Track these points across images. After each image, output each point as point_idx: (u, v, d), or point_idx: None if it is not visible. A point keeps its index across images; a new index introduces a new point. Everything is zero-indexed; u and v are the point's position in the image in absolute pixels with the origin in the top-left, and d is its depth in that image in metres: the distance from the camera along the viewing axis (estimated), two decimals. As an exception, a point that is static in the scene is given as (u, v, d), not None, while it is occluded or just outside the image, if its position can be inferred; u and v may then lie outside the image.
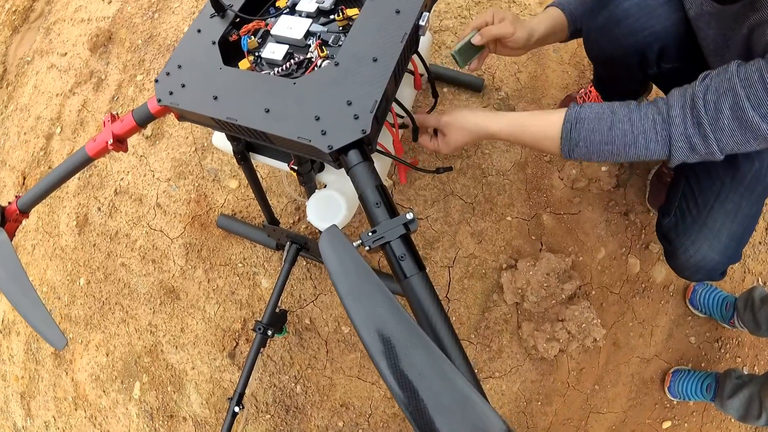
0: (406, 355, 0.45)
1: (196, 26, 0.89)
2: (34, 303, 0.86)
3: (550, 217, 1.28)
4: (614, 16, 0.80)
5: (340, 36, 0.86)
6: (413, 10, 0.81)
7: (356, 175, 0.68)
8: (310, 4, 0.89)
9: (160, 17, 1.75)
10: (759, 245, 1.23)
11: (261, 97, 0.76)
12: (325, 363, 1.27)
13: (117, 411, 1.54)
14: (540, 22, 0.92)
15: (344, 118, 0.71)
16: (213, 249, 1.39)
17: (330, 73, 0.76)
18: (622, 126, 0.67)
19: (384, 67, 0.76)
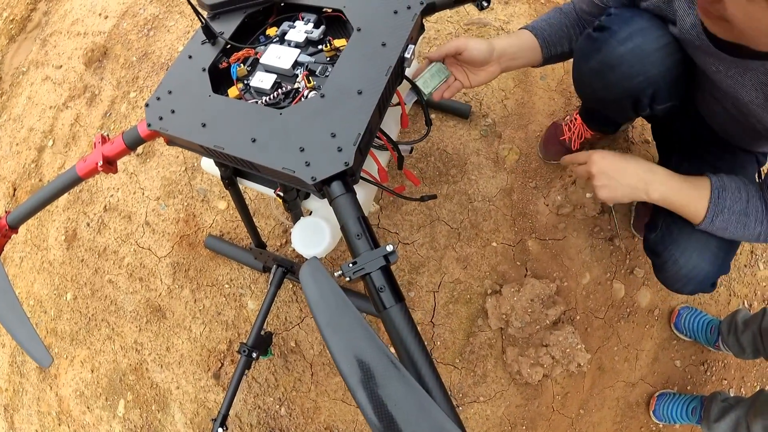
0: (383, 386, 0.45)
1: (188, 52, 0.85)
2: (21, 319, 0.84)
3: (535, 242, 1.25)
4: (609, 60, 0.76)
5: (327, 67, 0.83)
6: (399, 43, 0.79)
7: (339, 206, 0.66)
8: (299, 35, 0.86)
9: (155, 35, 1.71)
10: (744, 268, 1.21)
11: (248, 126, 0.73)
12: (310, 385, 1.22)
13: (101, 428, 1.47)
14: (501, 39, 0.88)
15: (328, 150, 0.69)
16: (200, 269, 1.34)
17: (316, 104, 0.74)
18: (753, 203, 0.72)
19: (368, 100, 0.74)
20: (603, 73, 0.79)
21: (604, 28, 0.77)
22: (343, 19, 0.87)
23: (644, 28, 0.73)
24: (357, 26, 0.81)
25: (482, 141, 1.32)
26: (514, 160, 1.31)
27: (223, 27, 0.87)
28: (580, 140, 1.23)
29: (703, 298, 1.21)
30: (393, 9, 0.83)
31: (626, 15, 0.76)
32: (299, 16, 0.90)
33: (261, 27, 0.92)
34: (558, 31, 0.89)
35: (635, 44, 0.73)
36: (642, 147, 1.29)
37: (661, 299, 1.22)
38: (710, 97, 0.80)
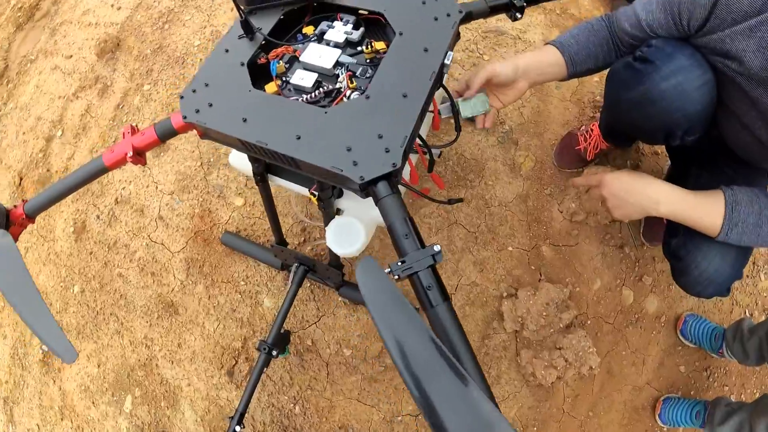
0: (436, 378, 0.46)
1: (224, 46, 0.82)
2: (42, 314, 0.77)
3: (549, 248, 1.25)
4: (650, 94, 0.76)
5: (367, 68, 0.81)
6: (440, 49, 0.77)
7: (385, 206, 0.64)
8: (339, 35, 0.84)
9: (170, 29, 1.65)
10: (747, 278, 1.23)
11: (292, 123, 0.70)
12: (326, 384, 1.19)
13: (106, 424, 1.42)
14: (525, 56, 0.89)
15: (375, 151, 0.67)
16: (215, 265, 1.30)
17: (361, 105, 0.72)
18: (766, 214, 0.75)
19: (414, 104, 0.72)
20: (643, 105, 0.78)
21: (647, 60, 0.76)
22: (383, 22, 0.85)
23: (686, 66, 0.73)
24: (399, 30, 0.80)
25: (499, 147, 1.31)
26: (530, 166, 1.30)
27: (260, 23, 0.84)
28: (595, 151, 1.23)
29: (707, 306, 1.23)
30: (433, 16, 0.81)
31: (669, 50, 0.75)
32: (338, 17, 0.87)
33: (297, 25, 0.89)
34: (585, 49, 0.88)
35: (677, 81, 0.73)
36: (652, 158, 1.30)
37: (667, 306, 1.23)
38: (740, 125, 0.81)
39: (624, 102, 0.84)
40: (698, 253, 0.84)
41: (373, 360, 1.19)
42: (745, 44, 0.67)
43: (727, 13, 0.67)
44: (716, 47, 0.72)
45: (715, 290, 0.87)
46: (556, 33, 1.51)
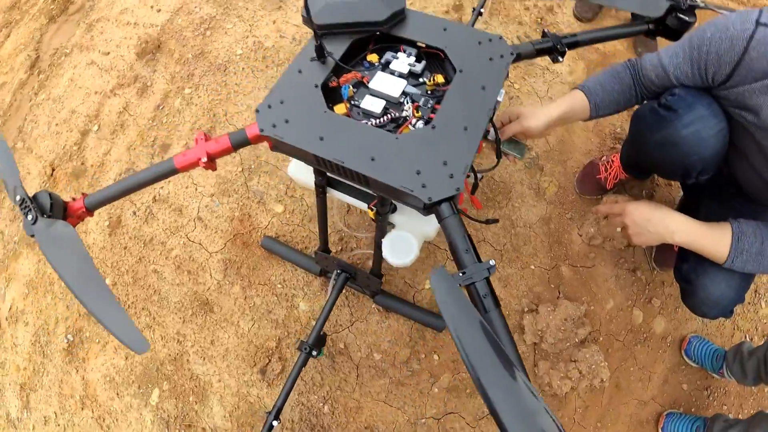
0: (492, 368, 0.55)
1: (297, 66, 0.89)
2: (111, 305, 0.78)
3: (568, 268, 1.34)
4: (672, 139, 0.87)
5: (428, 99, 0.89)
6: (495, 88, 0.86)
7: (448, 225, 0.73)
8: (403, 66, 0.92)
9: (212, 36, 1.72)
10: (748, 305, 1.34)
11: (366, 145, 0.78)
12: (355, 386, 1.26)
13: (129, 415, 1.45)
14: (555, 107, 1.00)
15: (441, 176, 0.75)
16: (253, 268, 1.36)
17: (428, 134, 0.80)
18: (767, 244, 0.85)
19: (473, 136, 0.80)
20: (665, 147, 0.89)
21: (671, 108, 0.87)
22: (442, 57, 0.93)
23: (704, 116, 0.85)
24: (459, 68, 0.88)
25: (526, 172, 1.41)
26: (553, 192, 1.40)
27: (329, 47, 0.91)
28: (615, 180, 1.33)
29: (710, 329, 1.33)
30: (488, 56, 0.90)
31: (690, 100, 0.86)
32: (401, 48, 0.95)
33: (361, 52, 0.97)
34: (608, 96, 0.99)
35: (696, 129, 0.85)
36: (665, 189, 1.41)
37: (673, 327, 1.33)
38: (749, 167, 0.91)
39: (648, 143, 0.94)
40: (706, 277, 0.95)
41: (401, 365, 1.26)
42: (762, 100, 0.77)
43: (748, 71, 0.77)
44: (735, 100, 0.82)
45: (719, 312, 0.97)
46: (581, 65, 1.61)
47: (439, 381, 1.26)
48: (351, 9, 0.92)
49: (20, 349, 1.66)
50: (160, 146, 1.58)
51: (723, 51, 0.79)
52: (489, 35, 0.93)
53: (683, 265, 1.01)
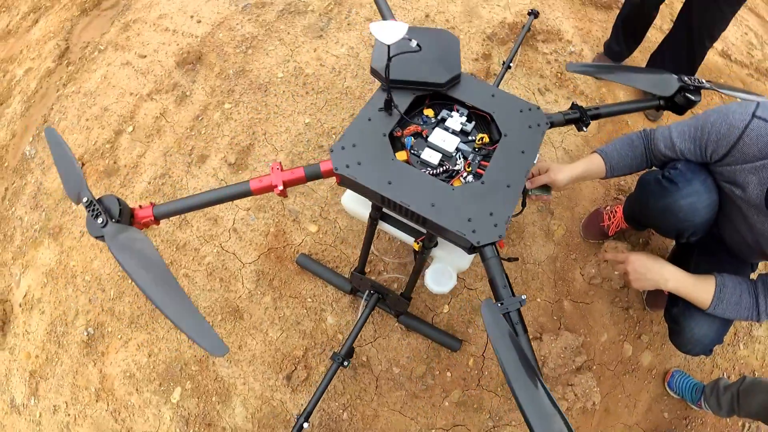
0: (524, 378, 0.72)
1: (367, 114, 1.07)
2: (187, 309, 0.83)
3: (569, 303, 1.57)
4: (671, 207, 1.10)
5: (476, 156, 1.10)
6: (533, 152, 1.07)
7: (490, 265, 0.92)
8: (456, 124, 1.12)
9: (253, 55, 1.88)
10: (727, 346, 1.59)
11: (428, 193, 0.97)
12: (373, 396, 1.44)
13: (147, 411, 1.57)
14: (577, 166, 1.23)
15: (487, 224, 0.94)
16: (285, 281, 1.53)
17: (478, 188, 1.00)
18: (744, 297, 1.07)
19: (514, 192, 1.01)
20: (664, 213, 1.13)
21: (672, 181, 1.09)
22: (489, 119, 1.14)
23: (699, 191, 1.08)
24: (504, 132, 1.09)
25: (538, 215, 1.63)
26: (561, 234, 1.63)
27: (395, 101, 1.10)
28: (616, 229, 1.57)
29: (692, 365, 1.57)
30: (528, 123, 1.11)
31: (689, 176, 1.08)
32: (455, 107, 1.16)
33: (417, 105, 1.16)
34: (623, 161, 1.22)
35: (692, 201, 1.08)
36: (659, 238, 1.66)
37: (658, 362, 1.57)
38: (735, 230, 1.15)
39: (651, 208, 1.18)
40: (692, 320, 1.18)
41: (417, 379, 1.45)
42: (750, 178, 0.99)
43: (741, 154, 1.00)
44: (728, 176, 1.06)
45: (701, 350, 1.20)
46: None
47: (450, 396, 1.45)
48: (417, 69, 1.12)
49: (33, 337, 1.75)
50: (197, 156, 1.73)
51: (722, 135, 1.01)
52: (529, 104, 1.14)
53: (673, 308, 1.24)
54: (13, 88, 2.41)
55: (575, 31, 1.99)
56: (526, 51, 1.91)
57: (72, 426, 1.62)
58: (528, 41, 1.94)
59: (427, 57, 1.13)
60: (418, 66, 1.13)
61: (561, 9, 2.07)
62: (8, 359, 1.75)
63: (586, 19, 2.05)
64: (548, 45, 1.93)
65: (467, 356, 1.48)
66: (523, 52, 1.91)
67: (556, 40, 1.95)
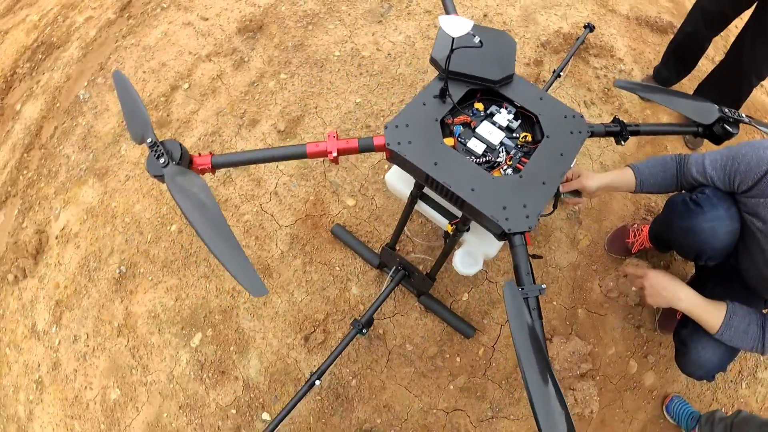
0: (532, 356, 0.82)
1: (422, 99, 1.23)
2: (235, 251, 0.91)
3: (583, 311, 1.71)
4: (694, 229, 1.22)
5: (517, 152, 1.25)
6: (571, 157, 1.21)
7: (517, 252, 1.05)
8: (504, 120, 1.27)
9: (313, 31, 2.07)
10: (730, 383, 1.71)
11: (469, 177, 1.11)
12: (383, 368, 1.60)
13: (165, 351, 1.76)
14: (608, 175, 1.36)
15: (520, 214, 1.09)
16: (317, 248, 1.70)
17: (516, 181, 1.14)
18: (752, 327, 1.17)
19: (548, 190, 1.15)
20: (686, 233, 1.25)
21: (698, 204, 1.22)
22: (534, 120, 1.30)
23: (722, 216, 1.19)
24: (547, 134, 1.24)
25: (566, 222, 1.78)
26: (586, 244, 1.77)
27: (450, 90, 1.26)
28: (640, 247, 1.71)
29: (692, 394, 1.69)
30: (570, 129, 1.26)
31: (714, 201, 1.20)
32: (504, 105, 1.31)
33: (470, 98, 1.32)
34: (652, 179, 1.34)
35: (713, 225, 1.20)
36: (681, 264, 1.79)
37: (660, 384, 1.69)
38: (752, 263, 1.27)
39: (674, 227, 1.31)
40: (699, 343, 1.30)
41: (427, 359, 1.61)
42: None
43: (765, 188, 1.12)
44: (751, 207, 1.18)
45: (703, 374, 1.32)
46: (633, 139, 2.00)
47: (456, 380, 1.60)
48: (474, 64, 1.28)
49: (65, 269, 1.96)
50: (249, 120, 1.92)
51: (751, 167, 1.12)
52: (573, 112, 1.29)
53: (682, 330, 1.36)
54: (72, 33, 2.64)
55: (628, 50, 2.13)
56: (577, 63, 2.05)
57: (89, 357, 1.82)
58: (580, 54, 2.08)
59: (485, 54, 1.28)
60: (475, 61, 1.28)
61: (617, 27, 2.21)
62: (36, 286, 1.96)
63: (640, 39, 2.18)
64: (599, 60, 2.07)
65: (478, 345, 1.64)
66: (574, 64, 2.05)
67: (608, 56, 2.09)
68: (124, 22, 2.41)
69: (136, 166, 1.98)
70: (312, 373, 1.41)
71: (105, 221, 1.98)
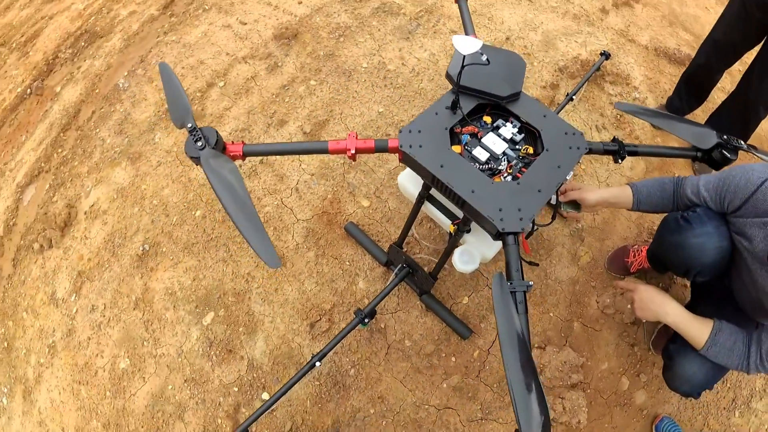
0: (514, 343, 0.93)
1: (435, 109, 1.42)
2: (257, 227, 1.04)
3: (579, 325, 1.84)
4: (682, 243, 1.34)
5: (519, 162, 1.42)
6: (567, 169, 1.38)
7: (509, 250, 1.21)
8: (508, 132, 1.45)
9: (344, 43, 2.30)
10: (723, 410, 1.80)
11: (471, 181, 1.29)
12: (381, 361, 1.76)
13: (177, 327, 1.95)
14: (608, 190, 1.50)
15: (514, 216, 1.25)
16: (330, 242, 1.89)
17: (513, 187, 1.31)
18: (738, 345, 1.27)
19: (543, 197, 1.31)
20: (675, 248, 1.37)
21: (688, 221, 1.34)
22: (536, 135, 1.47)
23: (710, 233, 1.31)
24: (546, 147, 1.41)
25: (569, 238, 1.93)
26: (586, 261, 1.91)
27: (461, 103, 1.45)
28: (638, 267, 1.84)
29: (683, 417, 1.78)
30: (569, 145, 1.42)
31: (704, 219, 1.32)
32: (510, 119, 1.49)
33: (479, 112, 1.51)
34: (650, 199, 1.48)
35: (702, 241, 1.31)
36: (679, 289, 1.91)
37: (651, 404, 1.80)
38: (742, 284, 1.38)
39: (665, 242, 1.44)
40: (685, 358, 1.40)
41: (424, 356, 1.76)
42: (757, 232, 1.21)
43: (752, 208, 1.22)
44: (739, 227, 1.28)
45: (689, 389, 1.41)
46: (642, 165, 2.15)
47: (449, 379, 1.75)
48: (484, 81, 1.47)
49: (90, 243, 2.18)
50: (277, 120, 2.14)
51: (740, 188, 1.24)
52: (574, 129, 1.46)
53: (671, 345, 1.48)
54: (115, 25, 2.95)
55: (644, 79, 2.29)
56: (593, 89, 2.23)
57: (104, 326, 2.02)
58: (596, 80, 2.26)
59: (495, 72, 1.47)
60: (486, 78, 1.47)
61: (635, 56, 2.38)
62: (60, 257, 2.19)
63: (657, 70, 2.34)
64: (615, 87, 2.24)
65: (474, 347, 1.78)
66: (590, 89, 2.22)
67: (623, 84, 2.25)
68: (167, 19, 2.69)
69: (168, 153, 2.22)
70: (313, 355, 1.58)
71: (134, 202, 2.21)
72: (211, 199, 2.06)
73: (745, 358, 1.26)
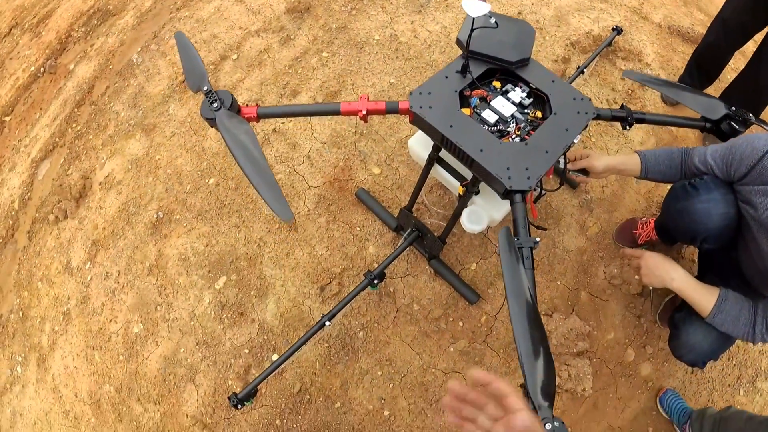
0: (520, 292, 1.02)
1: (446, 73, 1.57)
2: (270, 182, 1.14)
3: (586, 294, 1.99)
4: (688, 209, 1.43)
5: (527, 125, 1.58)
6: (575, 132, 1.53)
7: (516, 208, 1.36)
8: (517, 96, 1.60)
9: (356, 16, 2.47)
10: (728, 387, 1.91)
11: (480, 141, 1.45)
12: (390, 324, 1.92)
13: (190, 292, 2.13)
14: (616, 158, 1.62)
15: (522, 176, 1.40)
16: (341, 208, 2.06)
17: (520, 147, 1.46)
18: (743, 313, 1.34)
19: (550, 158, 1.47)
20: (682, 214, 1.49)
21: (695, 187, 1.47)
22: (545, 100, 1.62)
23: (716, 199, 1.42)
24: (555, 110, 1.56)
25: (578, 208, 2.08)
26: (595, 232, 2.06)
27: (471, 68, 1.61)
28: (646, 239, 1.98)
29: (688, 392, 1.91)
30: (577, 110, 1.57)
31: (711, 186, 1.44)
32: (519, 84, 1.65)
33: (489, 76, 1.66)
34: (658, 167, 1.60)
35: (707, 207, 1.43)
36: (688, 263, 2.05)
37: (656, 377, 1.94)
38: (749, 255, 1.49)
39: (671, 209, 1.58)
40: (690, 326, 1.52)
41: (432, 320, 1.92)
42: (762, 199, 1.32)
43: (758, 176, 1.34)
44: (744, 195, 1.40)
45: (693, 358, 1.51)
46: (652, 140, 2.29)
47: (456, 343, 1.90)
48: (494, 46, 1.62)
49: (104, 212, 2.37)
50: (290, 91, 2.32)
51: (745, 156, 1.35)
52: (582, 95, 1.61)
53: (676, 313, 1.61)
54: (127, 3, 3.15)
55: (656, 57, 2.43)
56: (604, 64, 2.38)
57: (118, 293, 2.20)
58: (608, 56, 2.40)
59: (505, 39, 1.63)
60: (496, 44, 1.62)
61: (648, 33, 2.52)
62: (75, 227, 2.38)
63: (669, 48, 2.48)
64: (627, 63, 2.39)
65: (482, 313, 1.94)
66: (601, 64, 2.37)
67: (635, 60, 2.40)
68: (180, -6, 2.88)
69: (182, 124, 2.40)
70: (323, 315, 1.74)
71: (148, 171, 2.39)
72: (224, 167, 2.24)
73: (751, 326, 1.33)
